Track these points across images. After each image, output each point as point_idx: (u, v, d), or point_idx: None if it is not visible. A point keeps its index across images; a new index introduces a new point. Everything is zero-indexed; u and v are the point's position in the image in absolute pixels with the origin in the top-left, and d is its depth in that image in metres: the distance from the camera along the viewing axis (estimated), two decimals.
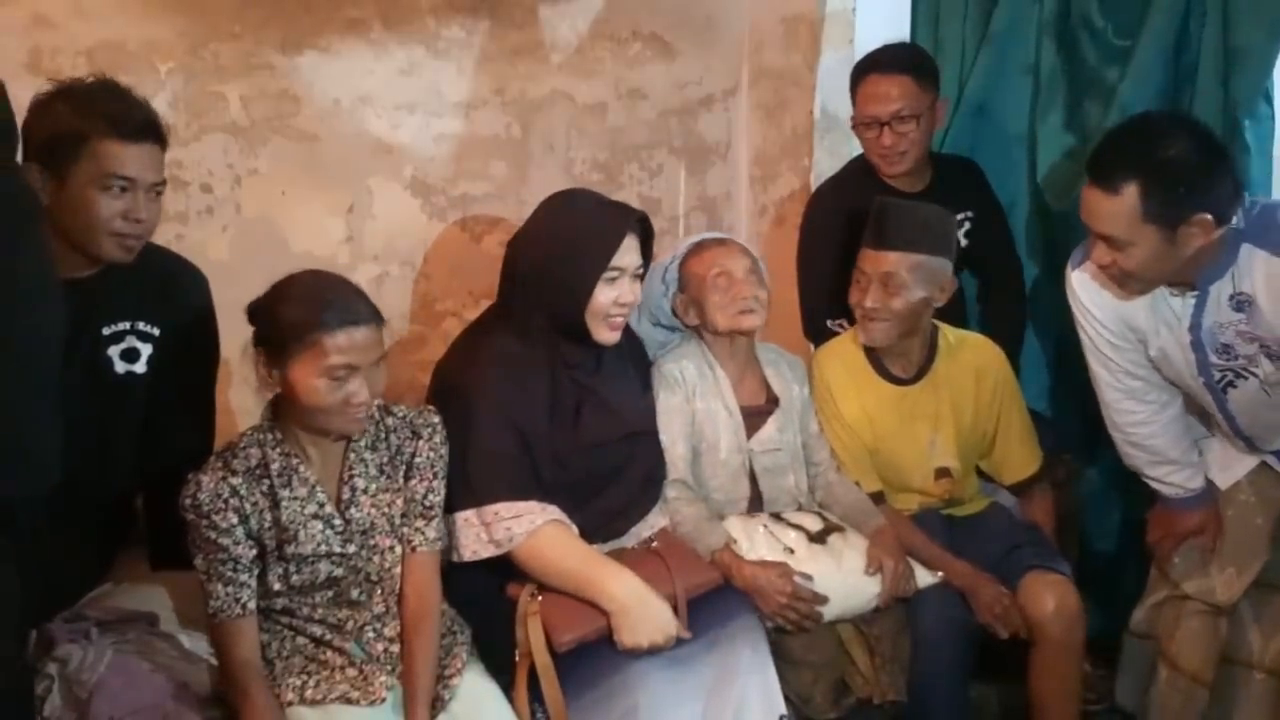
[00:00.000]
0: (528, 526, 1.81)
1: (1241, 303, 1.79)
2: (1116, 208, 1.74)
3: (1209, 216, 1.71)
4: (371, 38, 2.48)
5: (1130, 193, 1.72)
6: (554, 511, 1.85)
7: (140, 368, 1.78)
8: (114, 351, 1.76)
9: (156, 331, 1.79)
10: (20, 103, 1.30)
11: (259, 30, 2.36)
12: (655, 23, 2.84)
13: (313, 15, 2.41)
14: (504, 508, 1.82)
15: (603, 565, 1.84)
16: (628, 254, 1.91)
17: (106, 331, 1.75)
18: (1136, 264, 1.77)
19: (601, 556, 1.87)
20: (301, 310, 1.61)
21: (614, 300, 1.90)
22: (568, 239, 1.90)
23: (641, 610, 1.78)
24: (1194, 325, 1.85)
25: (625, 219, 1.92)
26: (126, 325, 1.76)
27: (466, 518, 1.83)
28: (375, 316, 1.66)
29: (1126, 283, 1.84)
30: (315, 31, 2.41)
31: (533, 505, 1.84)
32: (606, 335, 1.93)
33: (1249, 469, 2.03)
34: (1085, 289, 1.95)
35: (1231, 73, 2.10)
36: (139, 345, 1.78)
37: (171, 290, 1.83)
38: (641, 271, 1.96)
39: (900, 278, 2.05)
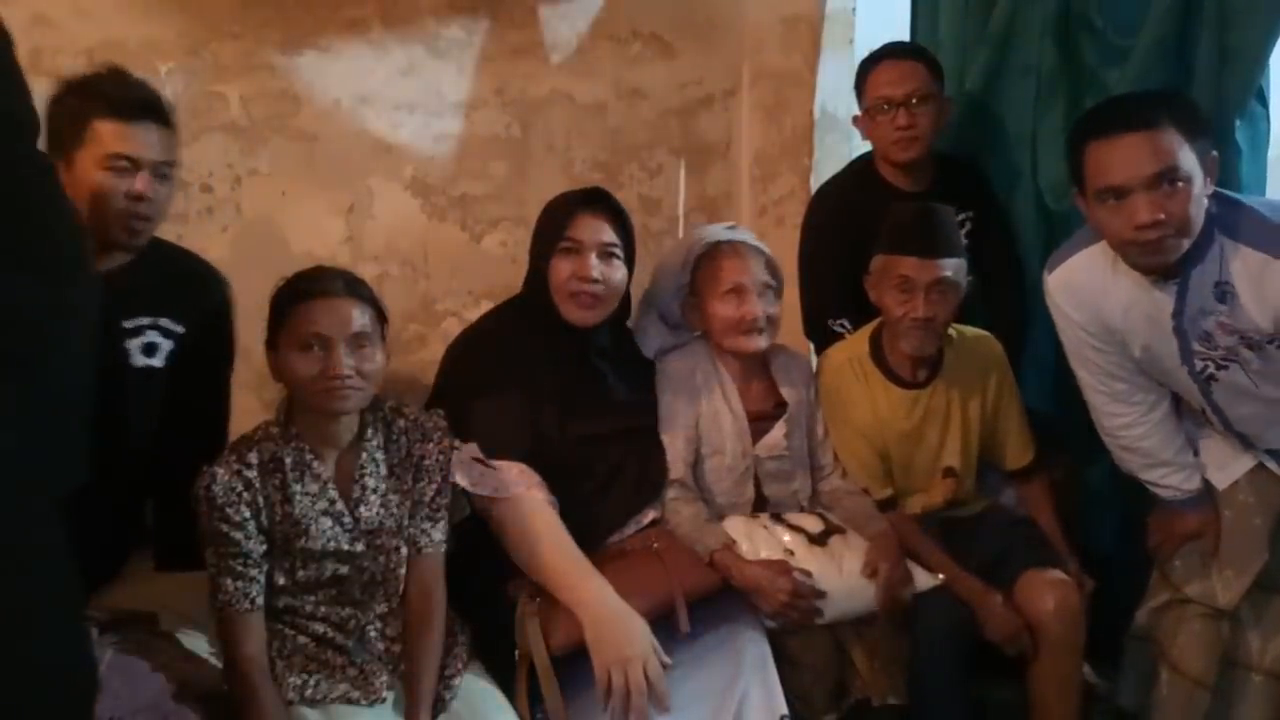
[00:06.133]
0: (520, 488, 1.83)
1: (1225, 292, 1.78)
2: (1163, 140, 1.72)
3: (1215, 154, 1.76)
4: (371, 38, 2.49)
5: (1167, 124, 1.72)
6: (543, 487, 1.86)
7: (159, 362, 1.78)
8: (133, 345, 1.76)
9: (180, 329, 1.80)
10: None
11: (259, 30, 2.37)
12: (655, 23, 2.85)
13: (313, 15, 2.41)
14: (504, 465, 1.85)
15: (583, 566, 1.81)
16: (586, 229, 1.95)
17: (127, 325, 1.76)
18: (1190, 202, 1.73)
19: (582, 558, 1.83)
20: (282, 290, 1.69)
21: (572, 273, 1.92)
22: (538, 225, 2.01)
23: (616, 625, 1.73)
24: (1177, 312, 1.83)
25: (583, 196, 1.99)
26: (148, 320, 1.77)
27: (466, 459, 1.84)
28: (354, 292, 1.68)
29: (1169, 244, 1.76)
30: (315, 31, 2.42)
31: (527, 469, 1.85)
32: (575, 314, 1.95)
33: (1246, 469, 2.02)
34: (1062, 292, 1.94)
35: (1225, 72, 2.09)
36: (159, 340, 1.78)
37: (194, 290, 1.85)
38: (617, 251, 1.97)
39: (950, 282, 2.04)
